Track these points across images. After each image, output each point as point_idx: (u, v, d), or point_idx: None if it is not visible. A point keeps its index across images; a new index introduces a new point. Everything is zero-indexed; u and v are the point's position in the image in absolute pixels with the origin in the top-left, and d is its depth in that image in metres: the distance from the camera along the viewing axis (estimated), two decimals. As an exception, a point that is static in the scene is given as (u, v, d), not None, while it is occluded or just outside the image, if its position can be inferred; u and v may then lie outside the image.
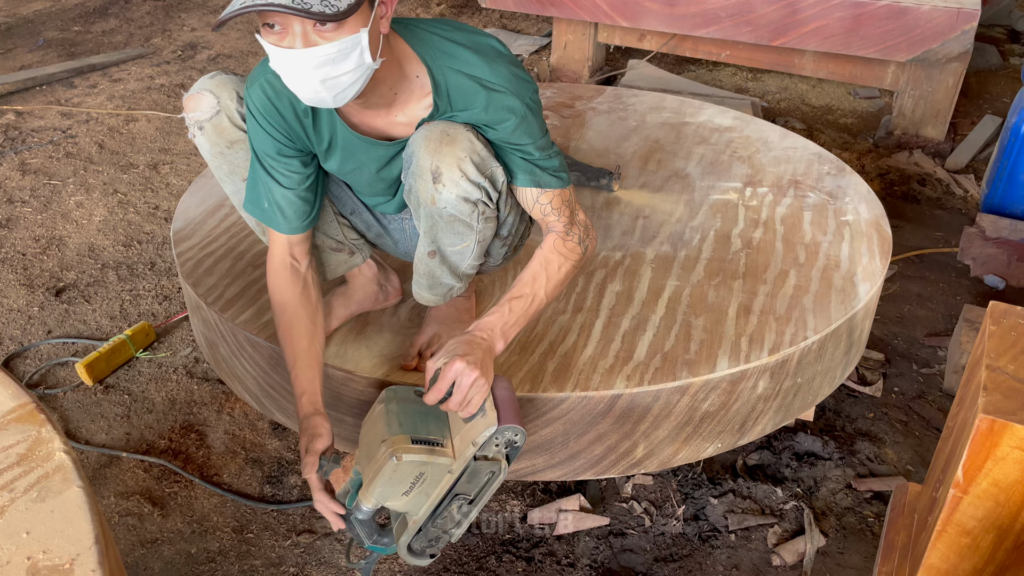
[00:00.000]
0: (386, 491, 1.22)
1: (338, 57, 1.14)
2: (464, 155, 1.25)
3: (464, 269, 1.44)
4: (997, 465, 0.95)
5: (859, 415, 1.97)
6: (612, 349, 1.55)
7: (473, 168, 1.26)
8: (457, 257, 1.41)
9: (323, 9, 1.08)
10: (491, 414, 1.25)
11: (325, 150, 1.38)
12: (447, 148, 1.25)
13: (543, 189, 1.36)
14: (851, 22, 2.97)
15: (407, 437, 1.23)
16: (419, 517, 1.29)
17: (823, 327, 1.61)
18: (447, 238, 1.37)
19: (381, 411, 1.29)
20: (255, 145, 1.38)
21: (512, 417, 1.25)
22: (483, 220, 1.35)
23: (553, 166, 1.36)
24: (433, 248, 1.40)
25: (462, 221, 1.33)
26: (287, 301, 1.43)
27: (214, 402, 2.00)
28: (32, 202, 2.82)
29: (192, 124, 1.42)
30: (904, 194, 2.91)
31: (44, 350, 2.18)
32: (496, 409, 1.26)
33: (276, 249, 1.44)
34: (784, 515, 1.72)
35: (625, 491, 1.77)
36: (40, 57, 4.02)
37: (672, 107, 2.58)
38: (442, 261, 1.42)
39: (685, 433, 1.55)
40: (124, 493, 1.77)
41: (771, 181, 2.13)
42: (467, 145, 1.26)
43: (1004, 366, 0.98)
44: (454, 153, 1.25)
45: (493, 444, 1.26)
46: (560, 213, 1.38)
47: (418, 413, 1.29)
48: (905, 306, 2.35)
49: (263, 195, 1.40)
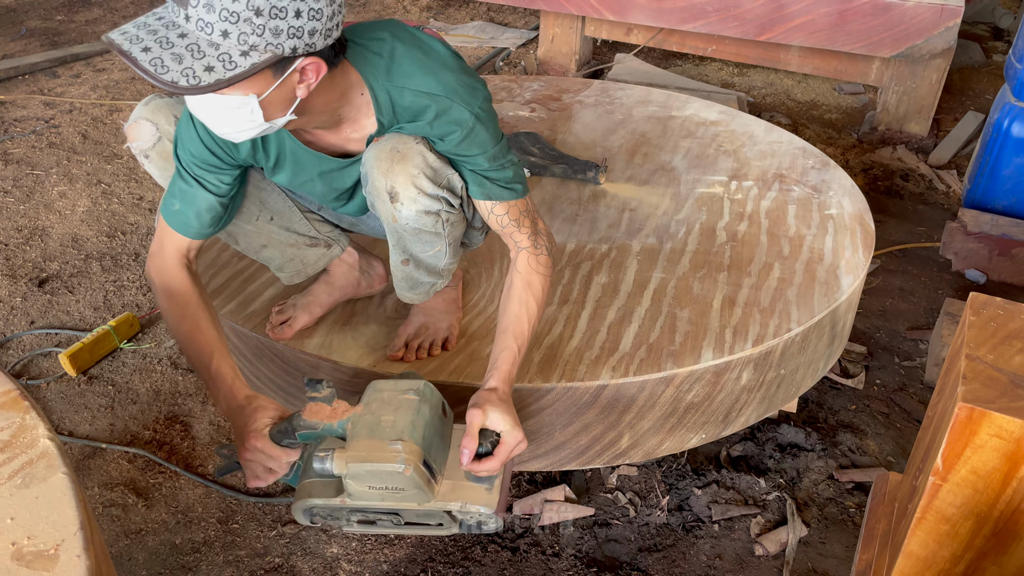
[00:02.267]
0: (365, 477, 1.19)
1: (221, 110, 1.11)
2: (417, 171, 1.24)
3: (442, 267, 1.45)
4: (976, 453, 0.97)
5: (841, 407, 2.00)
6: (598, 340, 1.56)
7: (428, 182, 1.26)
8: (432, 259, 1.42)
9: (177, 79, 1.01)
10: (495, 494, 1.22)
11: (272, 166, 1.35)
12: (399, 167, 1.24)
13: (495, 201, 1.33)
14: (836, 18, 2.99)
15: (422, 454, 1.18)
16: (354, 503, 1.23)
17: (806, 319, 1.62)
18: (417, 247, 1.39)
19: (412, 406, 1.21)
20: (186, 149, 1.31)
21: (504, 506, 1.23)
22: (449, 225, 1.35)
23: (506, 177, 1.31)
24: (405, 257, 1.42)
25: (427, 232, 1.34)
26: (190, 297, 1.37)
27: (199, 393, 1.99)
28: (15, 192, 2.79)
29: (138, 153, 1.41)
30: (887, 189, 2.94)
31: (27, 340, 2.16)
32: (499, 492, 1.23)
33: (173, 251, 1.38)
34: (767, 505, 1.74)
35: (610, 482, 1.78)
36: (22, 46, 3.97)
37: (659, 101, 2.59)
38: (417, 266, 1.43)
39: (670, 424, 1.56)
40: (108, 484, 1.76)
41: (756, 175, 2.15)
42: (418, 160, 1.24)
43: (983, 355, 0.99)
44: (406, 171, 1.24)
45: (473, 515, 1.23)
46: (520, 224, 1.35)
47: (436, 431, 1.24)
48: (887, 300, 2.37)
49: (177, 197, 1.35)
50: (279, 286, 1.69)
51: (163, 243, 1.38)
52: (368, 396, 1.25)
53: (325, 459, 1.18)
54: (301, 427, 1.21)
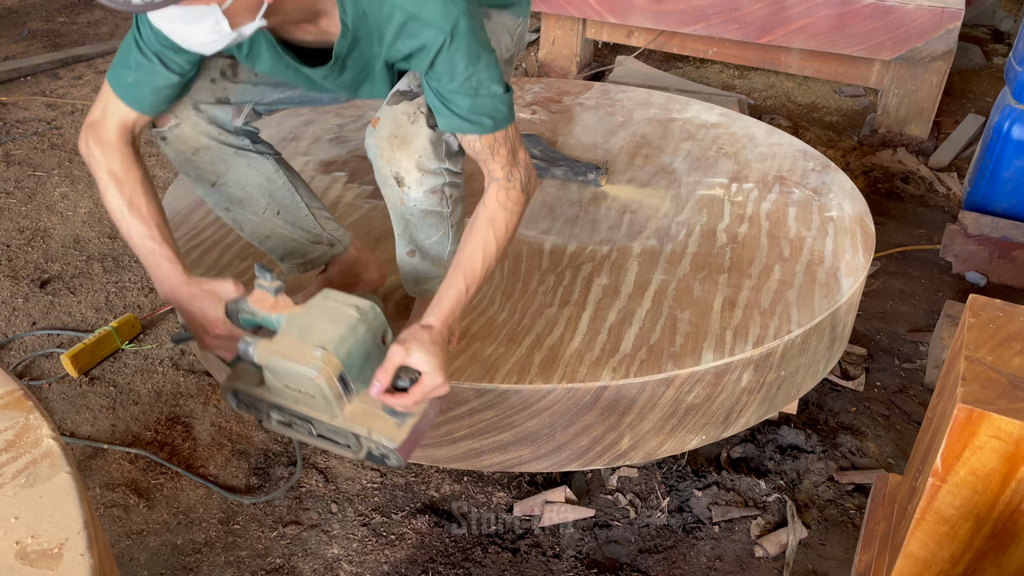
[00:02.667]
0: (282, 374, 1.18)
1: (184, 24, 1.06)
2: (418, 153, 1.25)
3: (446, 256, 1.46)
4: (975, 454, 0.97)
5: (842, 409, 2.00)
6: (598, 342, 1.57)
7: (430, 159, 1.26)
8: (436, 248, 1.44)
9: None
10: (403, 431, 1.20)
11: (246, 56, 1.30)
12: (400, 152, 1.25)
13: (470, 134, 1.25)
14: (836, 20, 3.00)
15: (340, 368, 1.16)
16: (272, 399, 1.24)
17: (807, 321, 1.63)
18: (422, 233, 1.40)
19: (350, 322, 1.19)
20: (148, 24, 1.23)
21: (410, 447, 1.22)
22: (452, 203, 1.35)
23: (480, 107, 1.22)
24: (412, 248, 1.43)
25: (434, 212, 1.35)
26: (133, 174, 1.31)
27: (200, 394, 2.00)
28: (16, 193, 2.80)
29: (156, 136, 1.41)
30: (888, 191, 2.94)
31: (28, 341, 2.16)
32: (408, 431, 1.21)
33: (117, 124, 1.31)
34: (767, 507, 1.74)
35: (610, 483, 1.79)
36: (24, 48, 3.98)
37: (659, 103, 2.60)
38: (423, 257, 1.45)
39: (670, 425, 1.56)
40: (109, 485, 1.76)
41: (757, 177, 2.15)
42: (418, 142, 1.25)
43: (982, 357, 1.00)
44: (408, 155, 1.25)
45: (378, 445, 1.22)
46: (494, 153, 1.26)
47: (366, 354, 1.21)
48: (888, 302, 2.38)
49: (133, 70, 1.27)
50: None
51: (106, 114, 1.31)
52: (315, 300, 1.23)
53: (249, 346, 1.18)
54: (243, 311, 1.22)
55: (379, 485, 1.78)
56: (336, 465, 1.82)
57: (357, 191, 2.05)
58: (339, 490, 1.76)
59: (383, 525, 1.68)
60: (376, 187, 2.07)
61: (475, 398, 1.48)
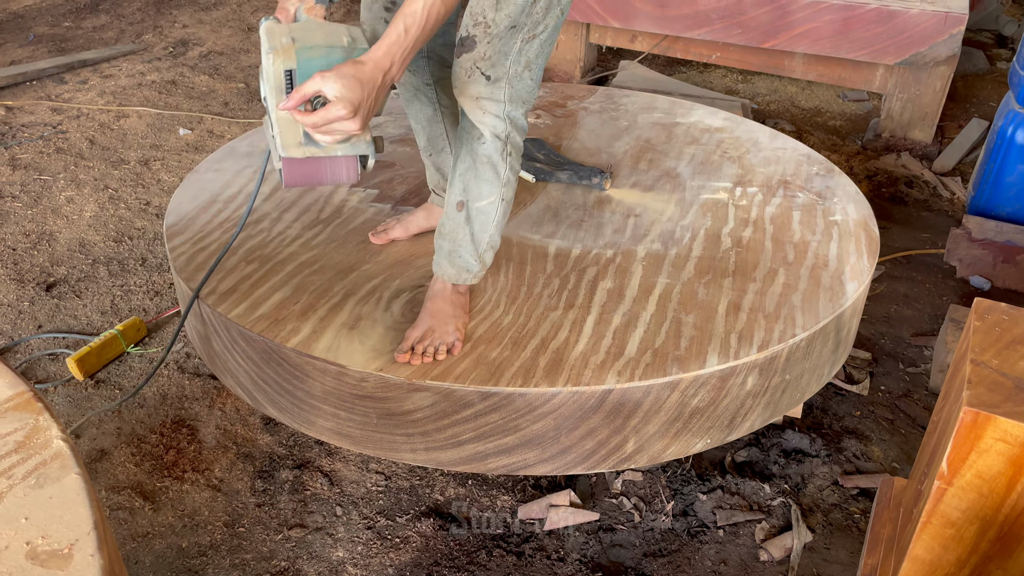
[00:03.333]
0: (262, 50, 1.30)
1: None
2: (480, 98, 1.45)
3: (485, 241, 1.58)
4: (981, 457, 0.97)
5: (846, 413, 2.00)
6: (603, 345, 1.57)
7: (491, 103, 1.45)
8: (482, 218, 1.55)
9: None
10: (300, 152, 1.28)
11: None
12: (466, 100, 1.46)
13: None
14: (840, 25, 3.00)
15: (291, 64, 1.26)
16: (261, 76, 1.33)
17: (811, 324, 1.63)
18: (477, 188, 1.53)
19: (333, 40, 1.28)
20: None
21: (295, 179, 1.32)
22: (509, 164, 1.51)
23: None
24: (463, 199, 1.55)
25: (492, 165, 1.50)
26: None
27: (205, 397, 2.00)
28: (22, 197, 2.81)
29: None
30: (892, 196, 2.94)
31: (34, 344, 2.17)
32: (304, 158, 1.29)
33: None
34: (772, 511, 1.74)
35: (615, 487, 1.79)
36: (30, 52, 4.00)
37: (663, 107, 2.60)
38: (467, 220, 1.55)
39: (675, 428, 1.56)
40: (115, 487, 1.77)
41: (761, 181, 2.16)
42: (476, 89, 1.44)
43: (988, 360, 1.00)
44: (471, 101, 1.45)
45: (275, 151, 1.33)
46: None
47: (324, 65, 1.27)
48: (892, 306, 2.38)
49: None
50: (287, 289, 1.70)
51: None
52: (336, 23, 1.36)
53: (265, 20, 1.36)
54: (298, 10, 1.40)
55: (384, 488, 1.78)
56: (341, 468, 1.82)
57: (362, 195, 2.06)
58: (344, 493, 1.76)
59: (388, 528, 1.69)
60: (380, 191, 2.08)
61: (480, 401, 1.49)
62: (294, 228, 1.92)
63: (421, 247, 1.85)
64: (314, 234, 1.89)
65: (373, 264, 1.79)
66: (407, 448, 1.57)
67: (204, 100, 3.56)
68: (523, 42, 1.45)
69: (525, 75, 1.48)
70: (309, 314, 1.63)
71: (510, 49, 1.44)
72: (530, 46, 1.46)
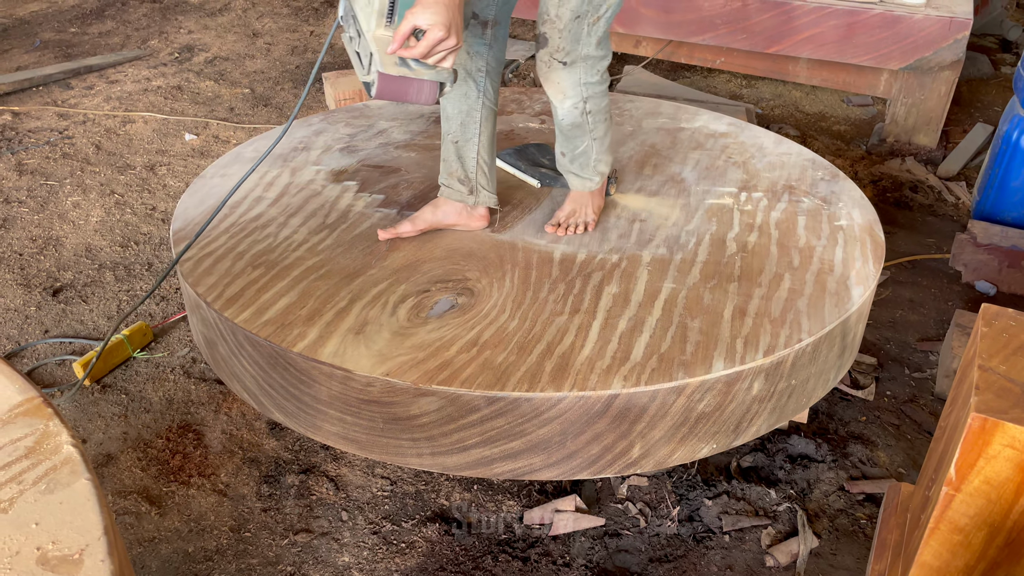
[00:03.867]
0: None
1: None
2: (559, 84, 1.70)
3: (592, 164, 1.86)
4: (989, 463, 0.97)
5: (852, 418, 2.00)
6: (609, 350, 1.57)
7: (570, 87, 1.70)
8: (581, 158, 1.85)
9: None
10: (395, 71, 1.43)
11: None
12: (548, 85, 1.71)
13: None
14: (845, 30, 3.00)
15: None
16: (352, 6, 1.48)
17: (817, 329, 1.63)
18: (571, 143, 1.82)
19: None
20: None
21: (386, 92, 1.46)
22: (592, 118, 1.77)
23: None
24: (563, 151, 1.86)
25: (577, 126, 1.78)
26: None
27: (211, 402, 2.01)
28: (29, 202, 2.82)
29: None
30: (896, 200, 2.94)
31: (41, 349, 2.18)
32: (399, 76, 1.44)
33: None
34: (778, 516, 1.74)
35: (620, 492, 1.79)
36: (37, 58, 4.02)
37: (668, 113, 2.60)
38: (571, 160, 1.87)
39: (681, 433, 1.56)
40: (121, 492, 1.77)
41: (766, 186, 2.16)
42: (556, 77, 1.69)
43: (996, 366, 1.00)
44: (553, 87, 1.71)
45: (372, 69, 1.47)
46: None
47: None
48: (897, 311, 2.37)
49: None
50: (293, 295, 1.70)
51: None
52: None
53: None
54: None
55: (389, 493, 1.78)
56: (347, 473, 1.82)
57: (367, 200, 2.07)
58: (349, 498, 1.77)
59: (393, 533, 1.69)
60: (386, 197, 2.08)
61: (486, 406, 1.49)
62: (300, 233, 1.92)
63: (426, 252, 1.85)
64: (320, 239, 1.90)
65: (379, 269, 1.80)
66: (413, 453, 1.57)
67: (209, 105, 3.57)
68: (589, 26, 1.66)
69: (597, 51, 1.70)
70: (315, 319, 1.64)
71: (579, 35, 1.66)
72: (596, 27, 1.67)
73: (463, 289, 1.73)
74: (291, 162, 2.24)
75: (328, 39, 1.60)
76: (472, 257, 1.84)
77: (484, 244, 1.89)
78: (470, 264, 1.81)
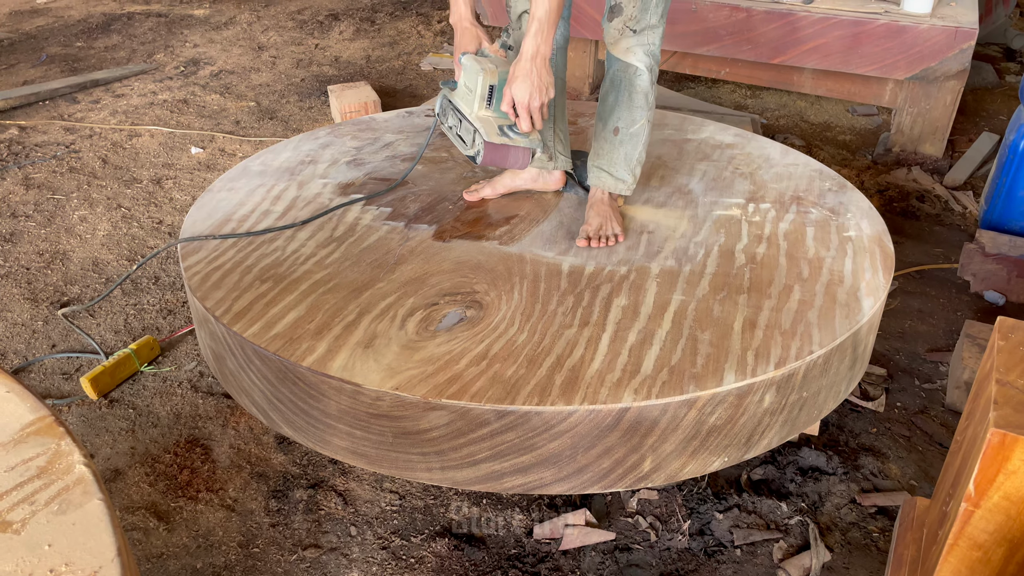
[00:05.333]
0: (466, 71, 1.82)
1: None
2: (630, 47, 1.86)
3: (635, 158, 1.97)
4: (1008, 479, 0.96)
5: (862, 430, 1.98)
6: (619, 363, 1.56)
7: (640, 50, 1.86)
8: (632, 140, 1.95)
9: None
10: (498, 140, 1.75)
11: None
12: (620, 50, 1.88)
13: None
14: (850, 40, 3.00)
15: (495, 80, 1.77)
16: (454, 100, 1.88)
17: (828, 341, 1.62)
18: (631, 114, 1.92)
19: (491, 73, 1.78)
20: None
21: (490, 159, 1.76)
22: (653, 93, 1.93)
23: None
24: (619, 125, 1.94)
25: (644, 94, 1.91)
26: None
27: (219, 416, 2.00)
28: (36, 216, 2.83)
29: None
30: (903, 210, 2.93)
31: (48, 364, 2.17)
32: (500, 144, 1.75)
33: None
34: (789, 530, 1.72)
35: (630, 506, 1.78)
36: (43, 73, 4.03)
37: (674, 124, 2.60)
38: (621, 142, 1.95)
39: (692, 447, 1.55)
40: (129, 507, 1.76)
41: (773, 197, 2.15)
42: (627, 42, 1.86)
43: (1014, 380, 0.99)
44: (625, 51, 1.88)
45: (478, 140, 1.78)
46: None
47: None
48: (906, 321, 2.36)
49: None
50: (301, 309, 1.70)
51: None
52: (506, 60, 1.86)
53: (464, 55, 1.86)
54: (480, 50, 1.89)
55: (398, 508, 1.77)
56: (355, 488, 1.81)
57: (375, 213, 2.06)
58: (358, 513, 1.76)
59: (402, 548, 1.68)
60: (393, 209, 2.08)
61: (496, 420, 1.48)
62: (308, 246, 1.92)
63: (435, 265, 1.85)
64: (328, 252, 1.90)
65: (387, 283, 1.79)
66: (423, 467, 1.56)
67: (215, 119, 3.58)
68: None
69: (660, 21, 1.89)
70: (324, 333, 1.63)
71: (648, 5, 1.84)
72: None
73: (472, 302, 1.72)
74: (298, 175, 2.24)
75: (430, 134, 2.06)
76: (480, 269, 1.83)
77: (492, 256, 1.89)
78: (478, 276, 1.81)
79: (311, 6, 5.07)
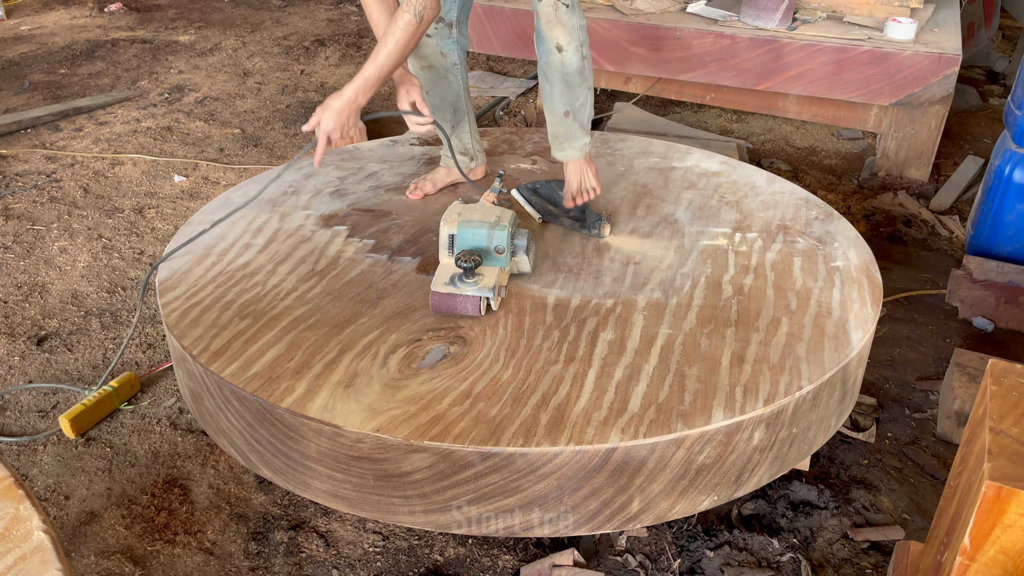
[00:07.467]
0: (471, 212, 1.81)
1: None
2: (565, 27, 1.89)
3: (587, 119, 2.03)
4: (1004, 532, 0.93)
5: (853, 462, 1.96)
6: (606, 400, 1.53)
7: (573, 29, 1.90)
8: (582, 112, 2.02)
9: None
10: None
11: None
12: (556, 30, 1.89)
13: None
14: (834, 67, 3.01)
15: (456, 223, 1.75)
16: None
17: (817, 376, 1.59)
18: (573, 94, 1.98)
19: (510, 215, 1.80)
20: None
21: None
22: (589, 67, 1.99)
23: None
24: (567, 108, 2.01)
25: (579, 73, 1.95)
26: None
27: (198, 455, 1.96)
28: (15, 248, 2.78)
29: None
30: (890, 235, 2.93)
31: (24, 400, 2.12)
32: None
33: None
34: (781, 567, 1.69)
35: (619, 544, 1.74)
36: (25, 100, 4.00)
37: (659, 152, 2.59)
38: (574, 118, 2.02)
39: (681, 486, 1.52)
40: (104, 552, 1.71)
41: (760, 226, 2.14)
42: (563, 18, 1.88)
43: (1008, 428, 0.97)
44: (561, 31, 1.90)
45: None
46: None
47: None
48: (895, 349, 2.35)
49: None
50: (281, 347, 1.66)
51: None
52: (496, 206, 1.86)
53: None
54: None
55: (381, 549, 1.73)
56: (337, 528, 1.77)
57: (358, 245, 2.03)
58: (340, 555, 1.71)
59: (386, 592, 1.63)
60: (376, 241, 2.05)
61: (480, 462, 1.45)
62: (289, 281, 1.89)
63: (418, 299, 1.82)
64: (309, 287, 1.86)
65: (369, 318, 1.76)
66: (405, 511, 1.53)
67: (199, 146, 3.55)
68: None
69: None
70: (304, 371, 1.60)
71: None
72: None
73: (455, 337, 1.69)
74: (280, 207, 2.22)
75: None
76: (464, 304, 1.80)
77: (476, 290, 1.86)
78: (462, 312, 1.78)
79: (297, 32, 5.06)
